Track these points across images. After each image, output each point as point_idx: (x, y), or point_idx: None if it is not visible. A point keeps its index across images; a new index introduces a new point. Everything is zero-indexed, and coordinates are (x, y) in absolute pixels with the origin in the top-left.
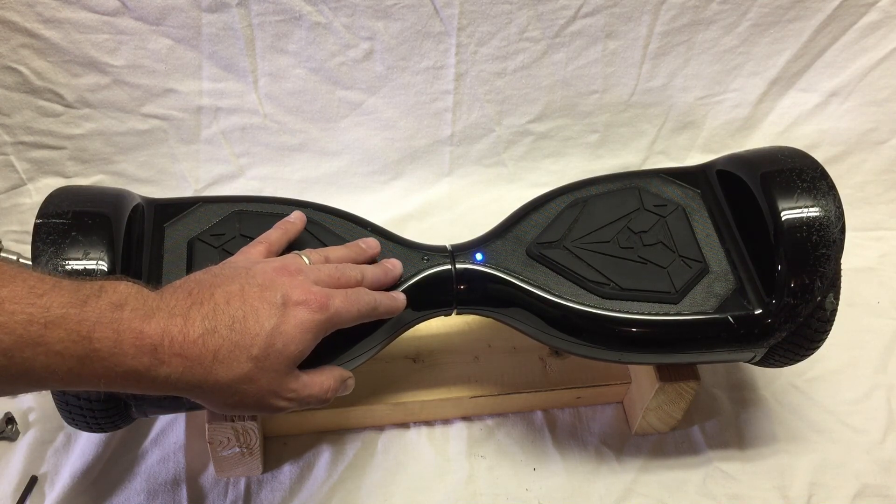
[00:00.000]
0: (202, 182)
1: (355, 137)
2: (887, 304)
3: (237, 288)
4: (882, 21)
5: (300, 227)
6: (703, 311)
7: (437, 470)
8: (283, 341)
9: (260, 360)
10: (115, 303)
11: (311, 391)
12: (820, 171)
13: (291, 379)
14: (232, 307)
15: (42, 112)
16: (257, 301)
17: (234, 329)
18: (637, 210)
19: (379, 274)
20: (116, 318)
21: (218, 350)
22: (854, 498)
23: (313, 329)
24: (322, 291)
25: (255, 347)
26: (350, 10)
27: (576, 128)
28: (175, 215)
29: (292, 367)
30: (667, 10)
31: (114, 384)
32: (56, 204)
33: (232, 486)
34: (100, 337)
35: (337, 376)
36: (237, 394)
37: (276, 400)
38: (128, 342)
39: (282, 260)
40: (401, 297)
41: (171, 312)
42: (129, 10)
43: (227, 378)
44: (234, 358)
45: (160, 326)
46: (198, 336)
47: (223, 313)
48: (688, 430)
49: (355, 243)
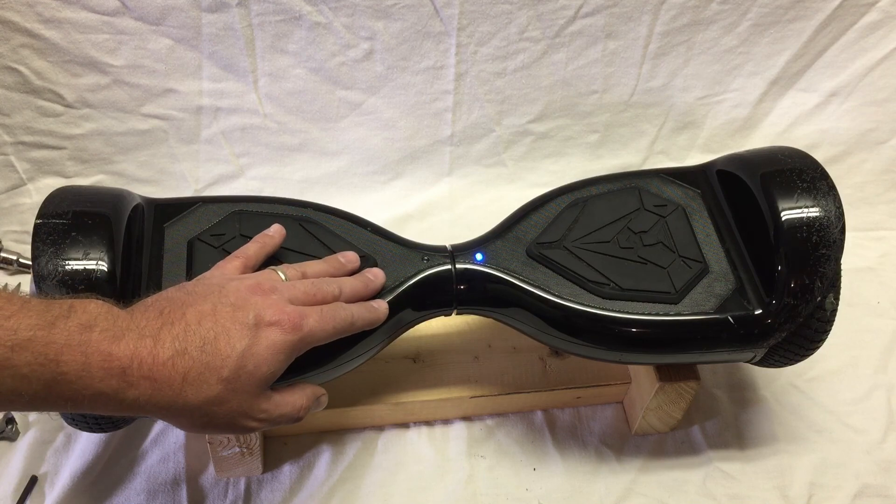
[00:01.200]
0: (202, 182)
1: (355, 137)
2: (887, 304)
3: (209, 307)
4: (882, 21)
5: (278, 242)
6: (703, 311)
7: (437, 470)
8: (255, 362)
9: (230, 382)
10: (84, 324)
11: (283, 410)
12: (820, 172)
13: (263, 399)
14: (203, 328)
15: (42, 112)
16: (229, 321)
17: (205, 350)
18: (637, 210)
19: (358, 286)
20: (85, 340)
21: (188, 372)
22: (854, 498)
23: (286, 350)
24: (296, 311)
25: (225, 369)
26: (350, 10)
27: (576, 128)
28: (175, 215)
29: (264, 388)
30: (667, 10)
31: (81, 406)
32: (56, 204)
33: (232, 486)
34: (68, 360)
35: (310, 394)
36: (207, 415)
37: (247, 421)
38: (96, 365)
39: (256, 277)
40: (382, 306)
41: (142, 333)
42: (129, 10)
43: (197, 400)
44: (204, 380)
45: (129, 348)
46: (167, 358)
47: (194, 334)
48: (688, 430)
49: (334, 257)
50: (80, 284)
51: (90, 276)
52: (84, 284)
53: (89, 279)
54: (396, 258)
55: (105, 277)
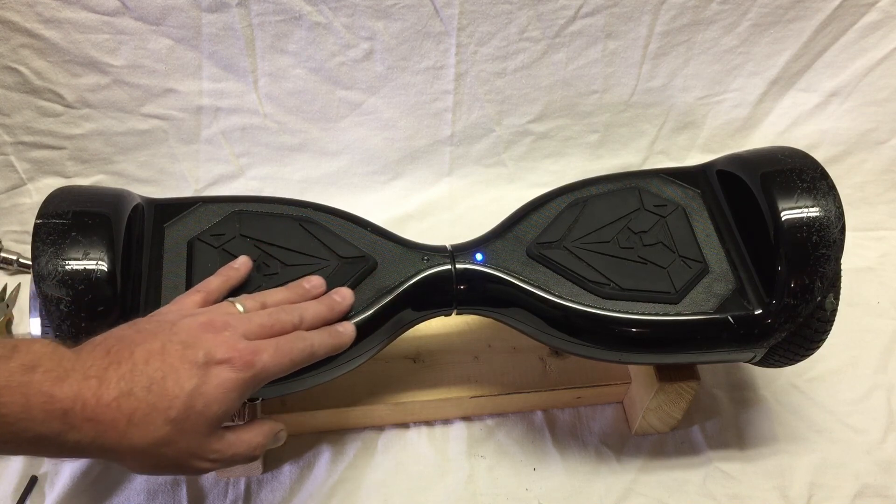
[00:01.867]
0: (202, 182)
1: (355, 137)
2: (887, 304)
3: (158, 346)
4: (882, 21)
5: (244, 274)
6: (703, 311)
7: (437, 470)
8: (204, 402)
9: (178, 423)
10: (27, 364)
11: (237, 450)
12: (820, 172)
13: (214, 440)
14: (151, 367)
15: (42, 112)
16: (178, 360)
17: (152, 391)
18: (637, 210)
19: (322, 311)
20: (26, 381)
21: (133, 413)
22: (854, 498)
23: (238, 388)
24: (248, 347)
25: (173, 409)
26: (350, 10)
27: (576, 128)
28: (175, 215)
29: (215, 428)
30: (667, 10)
31: (21, 449)
32: (56, 204)
33: (232, 486)
34: (7, 402)
35: (266, 431)
36: (155, 457)
37: (198, 462)
38: (37, 407)
39: (210, 313)
40: (347, 330)
41: (86, 374)
42: (129, 10)
43: (144, 442)
44: (151, 421)
45: (73, 389)
46: (112, 399)
47: (141, 374)
48: (688, 430)
49: (297, 283)
50: (79, 284)
51: (90, 276)
52: (84, 284)
53: (89, 279)
54: (396, 258)
55: (105, 277)
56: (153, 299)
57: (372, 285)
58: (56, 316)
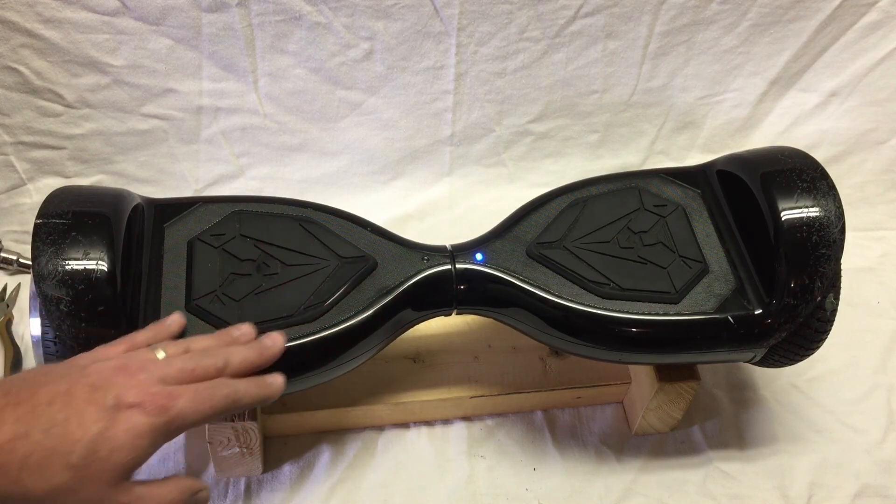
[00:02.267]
0: (202, 182)
1: (355, 137)
2: (887, 304)
3: (64, 388)
4: (882, 21)
5: (174, 332)
6: (702, 311)
7: (437, 470)
8: (110, 448)
9: (80, 470)
10: None
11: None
12: (820, 172)
13: (122, 491)
14: (53, 409)
15: (42, 112)
16: (84, 403)
17: (51, 433)
18: (637, 210)
19: (250, 356)
20: None
21: (28, 457)
22: (854, 498)
23: (149, 434)
24: (163, 391)
25: (74, 454)
26: (350, 10)
27: (576, 128)
28: (175, 215)
29: (122, 478)
30: (667, 10)
31: None
32: (56, 204)
33: (232, 486)
34: None
35: (184, 488)
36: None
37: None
38: None
39: (125, 358)
40: (276, 381)
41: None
42: (129, 10)
43: (40, 489)
44: (48, 465)
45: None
46: (5, 441)
47: (41, 415)
48: (688, 430)
49: (226, 331)
50: (79, 284)
51: (90, 276)
52: (84, 284)
53: (89, 279)
54: (396, 258)
55: (105, 277)
56: (153, 299)
57: (372, 285)
58: (56, 316)
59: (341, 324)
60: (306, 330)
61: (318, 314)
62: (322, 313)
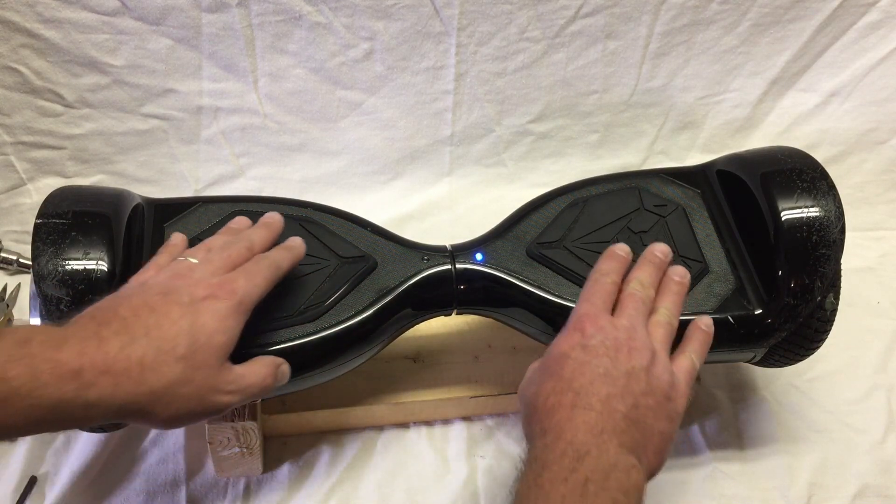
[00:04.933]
0: (202, 182)
1: (355, 137)
2: (887, 304)
3: (139, 301)
4: (882, 21)
5: (183, 247)
6: (703, 311)
7: (437, 470)
8: (206, 333)
9: (188, 359)
10: (20, 339)
11: (250, 380)
12: (820, 172)
13: (226, 371)
14: (141, 317)
15: (42, 112)
16: (164, 306)
17: (152, 336)
18: (637, 210)
19: (264, 233)
20: (26, 353)
21: (143, 358)
22: (854, 498)
23: (231, 315)
24: (224, 279)
25: (179, 347)
26: (350, 10)
27: (576, 128)
28: (175, 215)
29: (223, 359)
30: (667, 10)
31: (44, 423)
32: (56, 204)
33: (232, 486)
34: (15, 375)
35: (269, 362)
36: (176, 400)
37: (218, 396)
38: (45, 373)
39: (171, 268)
40: (297, 242)
41: (82, 337)
42: (129, 10)
43: (161, 384)
44: (162, 362)
45: (75, 351)
46: (118, 350)
47: (134, 324)
48: (688, 430)
49: (227, 227)
50: (79, 284)
51: (90, 276)
52: (84, 284)
53: (89, 279)
54: (396, 258)
55: (105, 277)
56: None
57: (372, 285)
58: (56, 316)
59: (341, 324)
60: (306, 330)
61: (318, 314)
62: (322, 313)
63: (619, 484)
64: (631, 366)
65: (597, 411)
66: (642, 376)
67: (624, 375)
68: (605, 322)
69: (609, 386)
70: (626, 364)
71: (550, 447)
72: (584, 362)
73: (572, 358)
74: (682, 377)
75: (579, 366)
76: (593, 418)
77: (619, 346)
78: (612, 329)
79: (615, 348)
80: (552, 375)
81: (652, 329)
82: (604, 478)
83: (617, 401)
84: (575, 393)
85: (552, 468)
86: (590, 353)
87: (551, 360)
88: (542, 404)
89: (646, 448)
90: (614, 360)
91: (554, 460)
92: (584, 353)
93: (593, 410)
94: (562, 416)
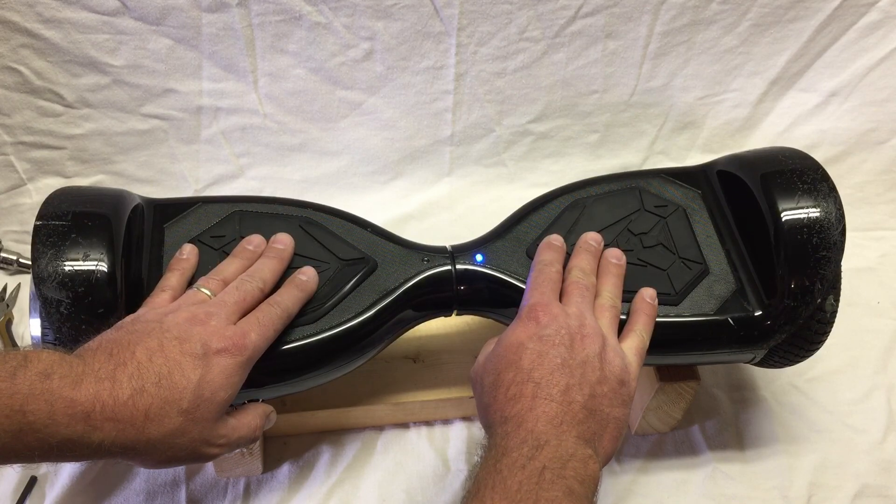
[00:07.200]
0: (202, 182)
1: (355, 137)
2: (887, 304)
3: (156, 344)
4: (882, 21)
5: (194, 262)
6: (703, 312)
7: (437, 470)
8: (212, 389)
9: (190, 413)
10: (43, 372)
11: (241, 433)
12: (821, 173)
13: (220, 425)
14: (155, 364)
15: (42, 112)
16: (178, 355)
17: (162, 385)
18: (637, 211)
19: (274, 265)
20: (47, 388)
21: (149, 409)
22: (854, 498)
23: (238, 372)
24: (237, 332)
25: (184, 401)
26: (350, 10)
27: (576, 128)
28: (175, 215)
29: (221, 413)
30: (667, 10)
31: (49, 455)
32: (56, 205)
33: (232, 486)
34: (33, 409)
35: (260, 413)
36: (170, 448)
37: (209, 448)
38: (61, 412)
39: (189, 308)
40: (309, 275)
41: (98, 377)
42: (129, 10)
43: (159, 435)
44: (165, 414)
45: (90, 392)
46: (127, 397)
47: (148, 371)
48: (688, 430)
49: (240, 247)
50: (79, 286)
51: (90, 278)
52: (84, 286)
53: (89, 280)
54: (396, 259)
55: (105, 279)
56: None
57: (372, 286)
58: (56, 318)
59: (342, 325)
60: (307, 331)
61: (318, 315)
62: (322, 315)
63: (576, 473)
64: (585, 354)
65: (557, 402)
66: (596, 364)
67: (580, 365)
68: (558, 310)
69: (567, 377)
70: (580, 353)
71: (511, 435)
72: (541, 352)
73: (529, 348)
74: (632, 358)
75: (538, 356)
76: (554, 409)
77: (572, 335)
78: (564, 317)
79: (569, 336)
80: (510, 365)
81: (598, 314)
82: (561, 466)
83: (575, 391)
84: (535, 384)
85: (511, 455)
86: (546, 343)
87: (508, 350)
88: (504, 394)
89: (602, 437)
90: (570, 350)
91: (513, 448)
92: (541, 344)
93: (554, 402)
94: (523, 405)
